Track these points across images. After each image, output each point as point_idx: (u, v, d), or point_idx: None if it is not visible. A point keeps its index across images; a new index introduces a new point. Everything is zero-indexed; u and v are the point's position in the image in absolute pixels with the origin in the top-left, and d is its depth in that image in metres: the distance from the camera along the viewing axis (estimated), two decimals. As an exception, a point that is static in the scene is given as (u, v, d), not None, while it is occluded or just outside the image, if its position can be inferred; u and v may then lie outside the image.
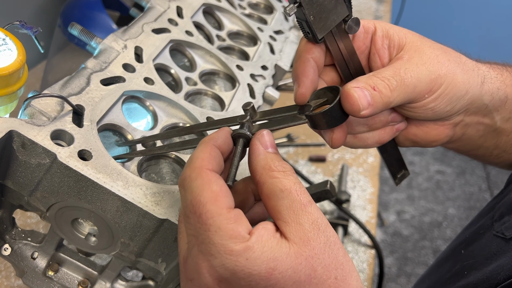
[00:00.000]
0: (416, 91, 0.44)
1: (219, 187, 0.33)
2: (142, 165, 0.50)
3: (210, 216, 0.32)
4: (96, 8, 1.21)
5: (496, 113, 0.52)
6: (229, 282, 0.32)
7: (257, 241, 0.32)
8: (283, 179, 0.34)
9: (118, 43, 0.57)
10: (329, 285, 0.32)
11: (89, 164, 0.43)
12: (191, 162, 0.35)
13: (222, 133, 0.38)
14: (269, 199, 0.35)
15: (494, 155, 0.58)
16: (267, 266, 0.31)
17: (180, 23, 0.67)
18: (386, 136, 0.49)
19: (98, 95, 0.50)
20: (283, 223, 0.33)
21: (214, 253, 0.31)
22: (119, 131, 0.51)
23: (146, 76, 0.56)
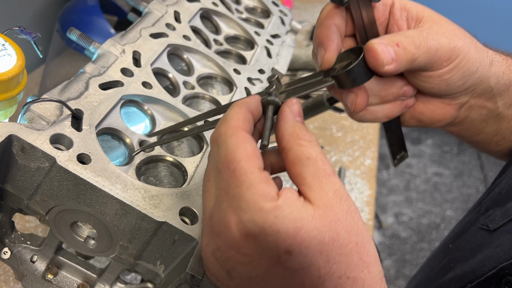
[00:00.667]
0: (438, 55, 0.45)
1: (253, 147, 0.34)
2: (141, 168, 0.50)
3: (244, 173, 0.33)
4: (94, 13, 1.21)
5: (499, 98, 0.53)
6: (256, 238, 0.32)
7: (285, 201, 0.32)
8: (309, 148, 0.35)
9: (116, 48, 0.58)
10: (351, 249, 0.33)
11: (88, 167, 0.44)
12: (227, 120, 0.36)
13: (254, 99, 0.39)
14: (294, 165, 0.35)
15: (494, 142, 0.58)
16: (294, 225, 0.32)
17: (178, 27, 0.68)
18: (395, 110, 0.50)
19: (97, 99, 0.50)
20: (308, 189, 0.34)
21: (244, 208, 0.32)
22: (117, 135, 0.51)
23: (144, 81, 0.56)
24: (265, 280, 0.33)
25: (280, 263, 0.32)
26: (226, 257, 0.34)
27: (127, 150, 0.51)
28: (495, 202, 0.58)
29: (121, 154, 0.51)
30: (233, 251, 0.33)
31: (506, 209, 0.55)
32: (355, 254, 0.33)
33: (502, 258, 0.51)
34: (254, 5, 0.89)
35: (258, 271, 0.33)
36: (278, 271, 0.33)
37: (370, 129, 1.25)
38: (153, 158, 0.52)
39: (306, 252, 0.32)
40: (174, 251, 0.46)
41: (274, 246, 0.32)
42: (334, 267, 0.32)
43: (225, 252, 0.34)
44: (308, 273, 0.32)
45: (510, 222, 0.53)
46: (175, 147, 0.57)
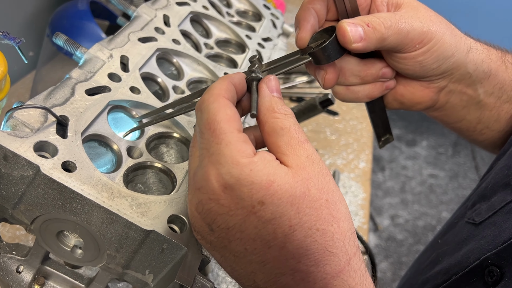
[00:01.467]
0: (409, 37, 0.48)
1: (233, 112, 0.37)
2: (128, 175, 0.49)
3: (223, 132, 0.35)
4: (85, 18, 1.20)
5: (479, 85, 0.55)
6: (233, 189, 0.35)
7: (260, 158, 0.35)
8: (284, 120, 0.38)
9: (104, 53, 0.57)
10: (321, 204, 0.36)
11: (73, 175, 0.43)
12: (210, 89, 0.39)
13: (238, 74, 0.42)
14: (270, 136, 0.38)
15: (478, 130, 0.60)
16: (267, 178, 0.34)
17: (167, 31, 0.67)
18: (376, 91, 0.53)
19: (83, 105, 0.49)
20: (282, 155, 0.37)
21: (222, 162, 0.35)
22: (104, 141, 0.50)
23: (132, 85, 0.55)
24: (241, 229, 0.35)
25: (254, 213, 0.35)
26: (207, 209, 0.36)
27: (114, 157, 0.50)
28: (481, 197, 0.59)
29: (108, 161, 0.50)
30: (213, 202, 0.36)
31: (491, 203, 0.56)
32: (325, 209, 0.36)
33: (485, 249, 0.52)
34: (245, 8, 0.89)
35: (235, 221, 0.35)
36: (252, 220, 0.35)
37: (364, 132, 1.25)
38: (141, 165, 0.51)
39: (278, 203, 0.34)
40: (162, 260, 0.45)
41: (249, 196, 0.34)
42: (304, 219, 0.35)
43: (206, 205, 0.36)
44: (280, 223, 0.35)
45: (494, 215, 0.54)
46: (164, 153, 0.56)
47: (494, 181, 0.57)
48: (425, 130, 3.22)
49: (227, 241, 0.36)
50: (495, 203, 0.54)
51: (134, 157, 0.51)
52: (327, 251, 0.35)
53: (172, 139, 0.56)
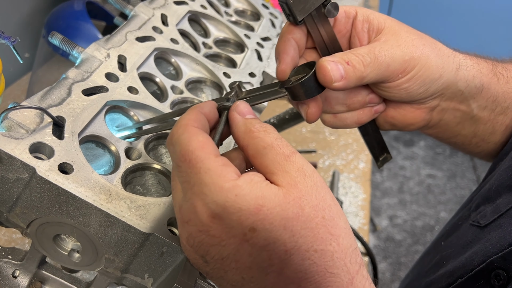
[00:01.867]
0: (390, 69, 0.46)
1: (205, 138, 0.35)
2: (127, 177, 0.48)
3: (200, 160, 0.34)
4: (81, 18, 1.19)
5: (472, 101, 0.54)
6: (221, 218, 0.33)
7: (245, 181, 0.33)
8: (265, 137, 0.36)
9: (101, 52, 0.55)
10: (317, 223, 0.34)
11: (70, 177, 0.42)
12: (178, 122, 0.37)
13: (208, 103, 0.40)
14: (255, 158, 0.36)
15: (473, 143, 0.59)
16: (255, 203, 0.33)
17: (165, 31, 0.66)
18: (364, 117, 0.52)
19: (80, 105, 0.48)
20: (271, 174, 0.35)
21: (206, 191, 0.33)
22: (102, 142, 0.49)
23: (130, 85, 0.54)
24: (236, 258, 0.34)
25: (247, 240, 0.33)
26: (198, 242, 0.35)
27: (112, 158, 0.49)
28: (485, 199, 0.58)
29: (106, 163, 0.49)
30: (203, 234, 0.34)
31: (496, 205, 0.55)
32: (322, 227, 0.34)
33: (490, 252, 0.51)
34: (243, 7, 0.88)
35: (228, 250, 0.34)
36: (246, 248, 0.33)
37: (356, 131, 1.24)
38: (140, 166, 0.50)
39: (270, 228, 0.33)
40: (162, 263, 0.44)
41: (238, 224, 0.33)
42: (300, 241, 0.33)
43: (196, 237, 0.35)
44: (275, 248, 0.33)
45: (500, 218, 0.53)
46: (163, 154, 0.55)
47: (498, 182, 0.56)
48: (422, 130, 3.22)
49: (223, 272, 0.35)
50: (500, 206, 0.53)
51: (133, 159, 0.50)
52: (328, 272, 0.33)
53: (171, 140, 0.55)
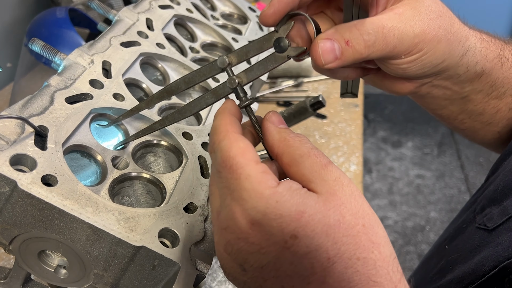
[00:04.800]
0: (395, 51, 0.43)
1: (245, 144, 0.35)
2: (114, 188, 0.46)
3: (240, 166, 0.34)
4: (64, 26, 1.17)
5: (467, 84, 0.52)
6: (261, 224, 0.32)
7: (285, 188, 0.33)
8: (301, 146, 0.36)
9: (84, 58, 0.53)
10: (358, 230, 0.33)
11: (54, 190, 0.40)
12: (215, 129, 0.37)
13: (231, 103, 0.39)
14: (290, 166, 0.36)
15: (459, 120, 0.58)
16: (296, 209, 0.32)
17: (151, 35, 0.64)
18: (354, 74, 0.49)
19: (63, 114, 0.46)
20: (308, 182, 0.34)
21: (245, 197, 0.33)
22: (87, 152, 0.47)
23: (115, 92, 0.52)
24: (276, 267, 0.33)
25: (288, 248, 0.32)
26: (237, 249, 0.34)
27: (98, 168, 0.47)
28: (491, 200, 0.56)
29: (92, 173, 0.47)
30: (242, 242, 0.33)
31: (503, 207, 0.53)
32: (363, 235, 0.33)
33: (502, 256, 0.49)
34: (230, 11, 0.86)
35: (268, 258, 0.33)
36: (287, 256, 0.32)
37: (353, 134, 1.23)
38: (128, 176, 0.48)
39: (312, 234, 0.32)
40: (154, 277, 0.41)
41: (279, 230, 0.32)
42: (343, 249, 0.32)
43: (235, 245, 0.34)
44: (317, 256, 0.32)
45: (509, 220, 0.52)
46: (152, 162, 0.53)
47: (504, 184, 0.54)
48: (410, 131, 3.23)
49: (262, 281, 0.34)
50: (508, 208, 0.52)
51: (120, 168, 0.48)
52: (371, 281, 0.33)
53: (159, 147, 0.53)
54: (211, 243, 0.45)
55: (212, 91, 0.42)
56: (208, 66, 0.42)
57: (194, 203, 0.47)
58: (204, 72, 0.43)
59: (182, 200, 0.46)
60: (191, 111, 0.44)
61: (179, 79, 0.43)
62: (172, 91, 0.44)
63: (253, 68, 0.41)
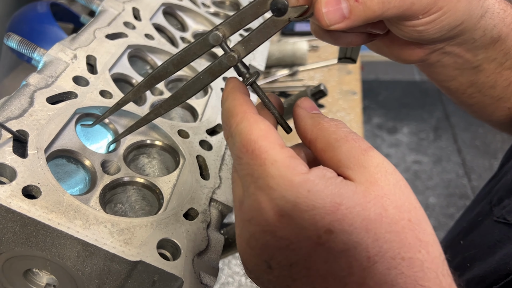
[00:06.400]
0: (412, 9, 0.39)
1: (266, 126, 0.31)
2: (105, 195, 0.42)
3: (264, 151, 0.30)
4: (46, 21, 1.12)
5: (481, 51, 0.48)
6: (291, 216, 0.29)
7: (318, 176, 0.29)
8: (337, 130, 0.32)
9: (66, 53, 0.49)
10: (403, 226, 0.29)
11: (37, 202, 0.35)
12: (231, 111, 0.33)
13: (237, 81, 0.36)
14: (325, 151, 0.32)
15: (468, 93, 0.53)
16: (332, 200, 0.28)
17: (138, 26, 0.59)
18: (359, 40, 0.44)
19: (45, 116, 0.41)
20: (345, 169, 0.30)
21: (272, 185, 0.29)
22: (74, 157, 0.42)
23: (102, 89, 0.48)
24: (307, 265, 0.29)
25: (322, 244, 0.28)
26: (262, 244, 0.30)
27: (87, 174, 0.43)
28: (509, 191, 0.53)
29: (80, 180, 0.43)
30: (268, 235, 0.30)
31: None
32: (409, 231, 0.29)
33: None
34: (221, -2, 0.81)
35: (299, 255, 0.29)
36: (320, 253, 0.29)
37: (353, 123, 1.19)
38: (120, 182, 0.43)
39: (350, 229, 0.28)
40: (154, 294, 0.37)
41: (312, 224, 0.28)
42: (385, 247, 0.28)
43: (260, 239, 0.30)
44: (355, 254, 0.28)
45: None
46: (145, 164, 0.49)
47: None
48: (405, 117, 3.20)
49: (290, 280, 0.30)
50: None
51: (111, 173, 0.44)
52: (418, 284, 0.29)
53: (153, 148, 0.49)
54: (215, 252, 0.41)
55: (207, 70, 0.38)
56: (198, 43, 0.37)
57: (194, 209, 0.42)
58: (195, 51, 0.38)
59: (181, 206, 0.42)
60: (187, 95, 0.39)
61: (167, 61, 0.39)
62: (160, 76, 0.40)
63: (251, 37, 0.36)
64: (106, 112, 0.43)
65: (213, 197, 0.45)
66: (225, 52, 0.36)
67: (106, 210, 0.42)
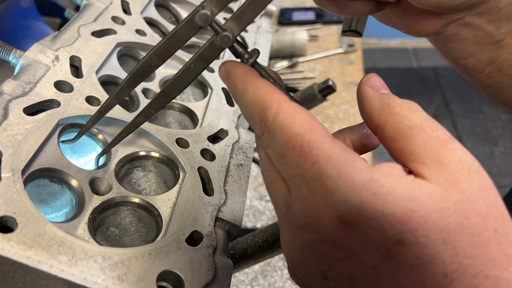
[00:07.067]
0: None
1: (308, 115, 0.27)
2: (95, 219, 0.36)
3: (314, 146, 0.26)
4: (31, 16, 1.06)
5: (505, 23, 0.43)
6: (355, 224, 0.25)
7: (384, 175, 0.25)
8: (410, 115, 0.27)
9: (47, 55, 0.43)
10: (487, 238, 0.25)
11: (13, 237, 0.30)
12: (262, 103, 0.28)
13: (241, 65, 0.31)
14: (395, 141, 0.27)
15: (486, 72, 0.48)
16: (403, 206, 0.24)
17: (128, 21, 0.53)
18: (366, 9, 0.41)
19: (22, 130, 0.36)
20: (419, 164, 0.26)
21: (331, 187, 0.25)
22: (58, 176, 0.37)
23: (89, 95, 0.42)
24: (371, 280, 0.26)
25: (390, 257, 0.25)
26: (319, 253, 0.27)
27: (73, 196, 0.37)
28: None
29: (66, 202, 0.37)
30: (326, 244, 0.26)
31: None
32: (494, 245, 0.25)
33: None
34: (217, -13, 0.75)
35: (362, 268, 0.26)
36: (388, 267, 0.25)
37: (357, 116, 1.14)
38: (111, 203, 0.38)
39: (425, 241, 0.24)
40: (155, 336, 0.32)
41: (380, 233, 0.25)
42: (466, 263, 0.25)
43: (316, 248, 0.27)
44: (430, 270, 0.25)
45: None
46: (140, 178, 0.43)
47: None
48: (403, 104, 3.17)
49: None
50: None
51: (101, 192, 0.38)
52: None
53: (149, 160, 0.43)
54: (224, 282, 0.36)
55: (198, 56, 0.32)
56: (184, 27, 0.31)
57: (198, 232, 0.37)
58: (180, 36, 0.32)
59: (183, 229, 0.36)
60: (178, 89, 0.34)
61: (149, 53, 0.33)
62: (144, 72, 0.34)
63: (244, 11, 0.31)
64: (88, 123, 0.37)
65: (219, 216, 0.39)
66: (216, 33, 0.31)
67: (97, 236, 0.37)
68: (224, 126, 0.48)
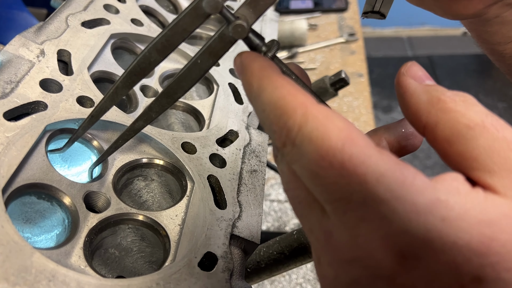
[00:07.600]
0: None
1: (343, 121, 0.22)
2: (92, 242, 0.31)
3: (360, 162, 0.21)
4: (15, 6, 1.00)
5: None
6: (419, 257, 0.21)
7: (450, 193, 0.20)
8: (467, 111, 0.23)
9: (30, 49, 0.37)
10: None
11: (-7, 273, 0.24)
12: (282, 105, 0.23)
13: (259, 57, 0.25)
14: (451, 143, 0.23)
15: None
16: (479, 233, 0.20)
17: (123, 9, 0.48)
18: None
19: (2, 139, 0.30)
20: (486, 174, 0.22)
21: (387, 214, 0.21)
22: (46, 192, 0.31)
23: (80, 95, 0.36)
24: None
25: None
26: None
27: (66, 214, 0.32)
28: None
29: (57, 223, 0.32)
30: (382, 282, 0.22)
31: None
32: None
33: None
34: (217, -27, 0.70)
35: None
36: None
37: (362, 109, 1.09)
38: (110, 221, 0.32)
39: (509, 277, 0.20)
40: None
41: (452, 269, 0.20)
42: None
43: (368, 285, 0.23)
44: None
45: None
46: (142, 189, 0.38)
47: None
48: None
49: None
50: None
51: (98, 209, 0.33)
52: None
53: (151, 168, 0.38)
54: (244, 312, 0.31)
55: (206, 50, 0.27)
56: (189, 15, 0.26)
57: (212, 253, 0.32)
58: (185, 26, 0.27)
59: (195, 252, 0.31)
60: (183, 88, 0.29)
61: (148, 47, 0.28)
62: (142, 70, 0.29)
63: None
64: (79, 129, 0.32)
65: (234, 233, 0.34)
66: (228, 21, 0.26)
67: (94, 261, 0.32)
68: (234, 127, 0.43)
